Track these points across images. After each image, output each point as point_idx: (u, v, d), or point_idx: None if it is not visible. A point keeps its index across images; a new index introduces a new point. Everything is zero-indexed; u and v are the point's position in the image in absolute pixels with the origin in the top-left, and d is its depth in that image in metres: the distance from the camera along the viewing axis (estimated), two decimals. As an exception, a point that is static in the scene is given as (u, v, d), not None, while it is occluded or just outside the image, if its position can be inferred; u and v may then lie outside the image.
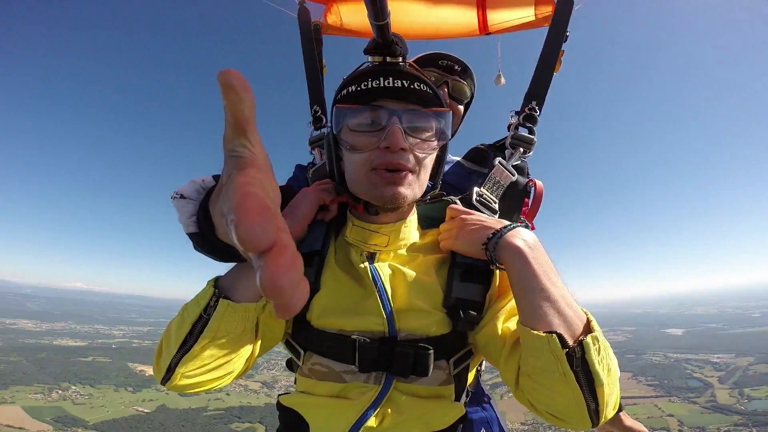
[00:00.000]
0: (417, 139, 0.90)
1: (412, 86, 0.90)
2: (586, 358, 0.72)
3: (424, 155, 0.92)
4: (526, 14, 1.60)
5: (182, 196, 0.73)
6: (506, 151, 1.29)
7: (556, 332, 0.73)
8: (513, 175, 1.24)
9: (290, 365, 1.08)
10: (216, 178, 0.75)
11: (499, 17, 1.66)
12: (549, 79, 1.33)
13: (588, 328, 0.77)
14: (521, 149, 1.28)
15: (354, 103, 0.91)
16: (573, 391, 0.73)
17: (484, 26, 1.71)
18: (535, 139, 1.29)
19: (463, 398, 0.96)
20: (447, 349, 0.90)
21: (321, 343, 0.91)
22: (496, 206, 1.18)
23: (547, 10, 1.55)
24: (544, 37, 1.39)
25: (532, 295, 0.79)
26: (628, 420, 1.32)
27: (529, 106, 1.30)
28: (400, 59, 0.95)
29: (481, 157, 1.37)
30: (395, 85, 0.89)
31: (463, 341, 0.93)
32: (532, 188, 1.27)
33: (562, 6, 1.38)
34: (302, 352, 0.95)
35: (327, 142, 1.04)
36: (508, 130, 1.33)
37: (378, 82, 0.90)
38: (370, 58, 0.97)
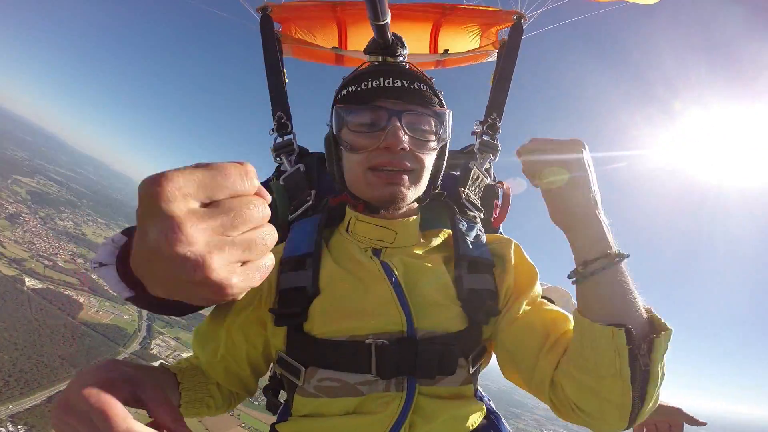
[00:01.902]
0: (417, 139, 0.91)
1: (412, 86, 0.92)
2: (652, 357, 0.66)
3: (423, 155, 0.92)
4: (472, 45, 1.79)
5: (101, 264, 0.65)
6: (477, 157, 1.38)
7: (624, 326, 0.66)
8: (486, 178, 1.31)
9: (271, 404, 1.00)
10: (125, 232, 0.71)
11: (449, 46, 1.82)
12: (505, 96, 1.49)
13: (655, 325, 0.70)
14: (490, 155, 1.38)
15: (354, 103, 0.92)
16: (623, 390, 0.67)
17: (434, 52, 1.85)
18: (499, 146, 1.41)
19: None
20: (465, 345, 0.85)
21: (328, 354, 0.80)
22: (479, 205, 1.21)
23: (489, 42, 1.76)
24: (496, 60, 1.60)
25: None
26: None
27: (492, 117, 1.43)
28: (400, 59, 0.97)
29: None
30: (395, 85, 0.91)
31: (479, 337, 0.89)
32: (500, 190, 1.34)
33: (514, 37, 1.59)
34: (302, 368, 0.82)
35: (327, 143, 1.02)
36: (473, 135, 1.45)
37: (378, 82, 0.91)
38: (369, 58, 0.98)
